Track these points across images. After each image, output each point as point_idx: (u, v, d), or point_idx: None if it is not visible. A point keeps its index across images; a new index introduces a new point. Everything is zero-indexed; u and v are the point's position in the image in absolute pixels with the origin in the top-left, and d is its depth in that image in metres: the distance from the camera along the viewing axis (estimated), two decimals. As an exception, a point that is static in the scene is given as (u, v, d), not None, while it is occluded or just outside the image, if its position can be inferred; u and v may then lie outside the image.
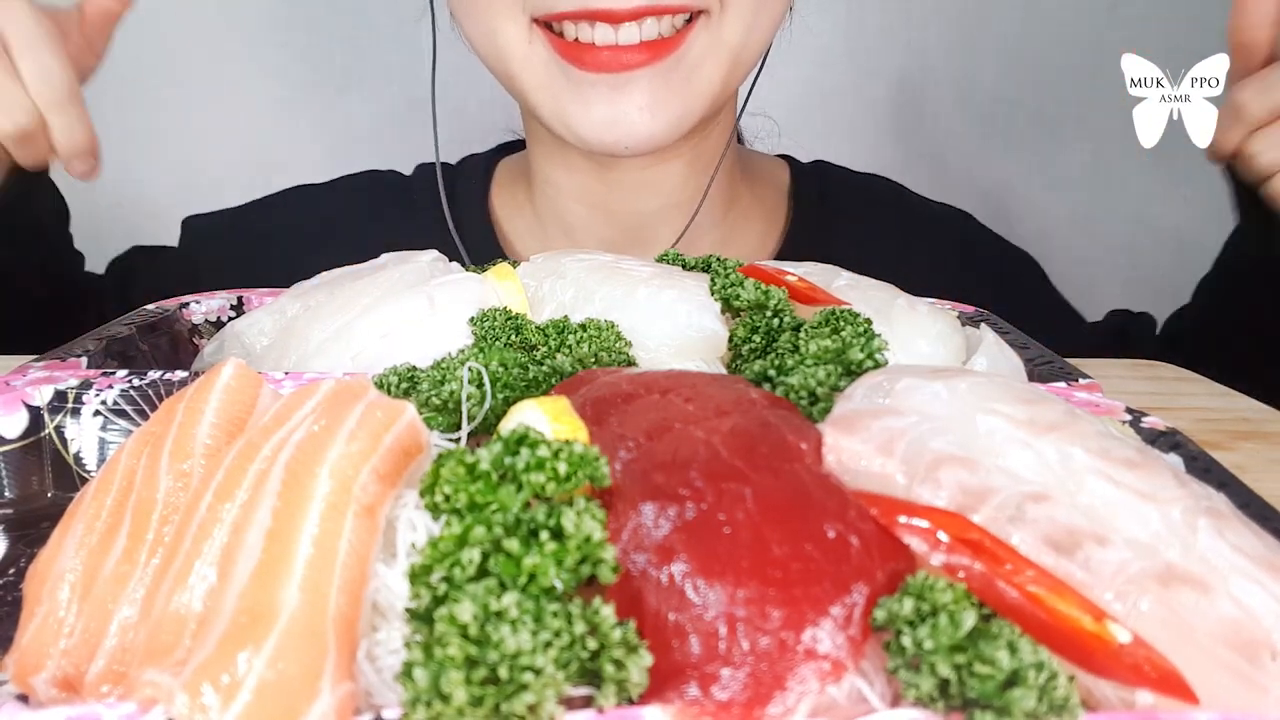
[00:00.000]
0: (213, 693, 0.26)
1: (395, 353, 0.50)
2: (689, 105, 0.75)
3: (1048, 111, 1.29)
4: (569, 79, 0.74)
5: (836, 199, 0.94)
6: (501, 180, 0.95)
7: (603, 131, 0.73)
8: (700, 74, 0.74)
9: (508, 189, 0.94)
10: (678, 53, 0.73)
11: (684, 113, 0.75)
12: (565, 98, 0.74)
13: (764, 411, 0.36)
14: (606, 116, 0.73)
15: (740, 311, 0.52)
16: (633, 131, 0.73)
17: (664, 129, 0.74)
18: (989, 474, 0.32)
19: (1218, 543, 0.30)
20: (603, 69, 0.72)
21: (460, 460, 0.30)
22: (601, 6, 0.69)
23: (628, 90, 0.72)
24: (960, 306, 0.66)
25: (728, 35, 0.73)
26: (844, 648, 0.28)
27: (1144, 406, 0.48)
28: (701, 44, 0.73)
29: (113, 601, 0.32)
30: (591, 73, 0.72)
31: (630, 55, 0.71)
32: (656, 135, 0.74)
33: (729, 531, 0.30)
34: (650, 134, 0.73)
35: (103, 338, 0.58)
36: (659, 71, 0.72)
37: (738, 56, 0.75)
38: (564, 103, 0.74)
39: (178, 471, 0.34)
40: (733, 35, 0.73)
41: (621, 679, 0.27)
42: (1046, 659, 0.26)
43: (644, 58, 0.71)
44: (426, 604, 0.28)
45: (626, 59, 0.71)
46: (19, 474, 0.48)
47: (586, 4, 0.70)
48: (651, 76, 0.72)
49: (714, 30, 0.73)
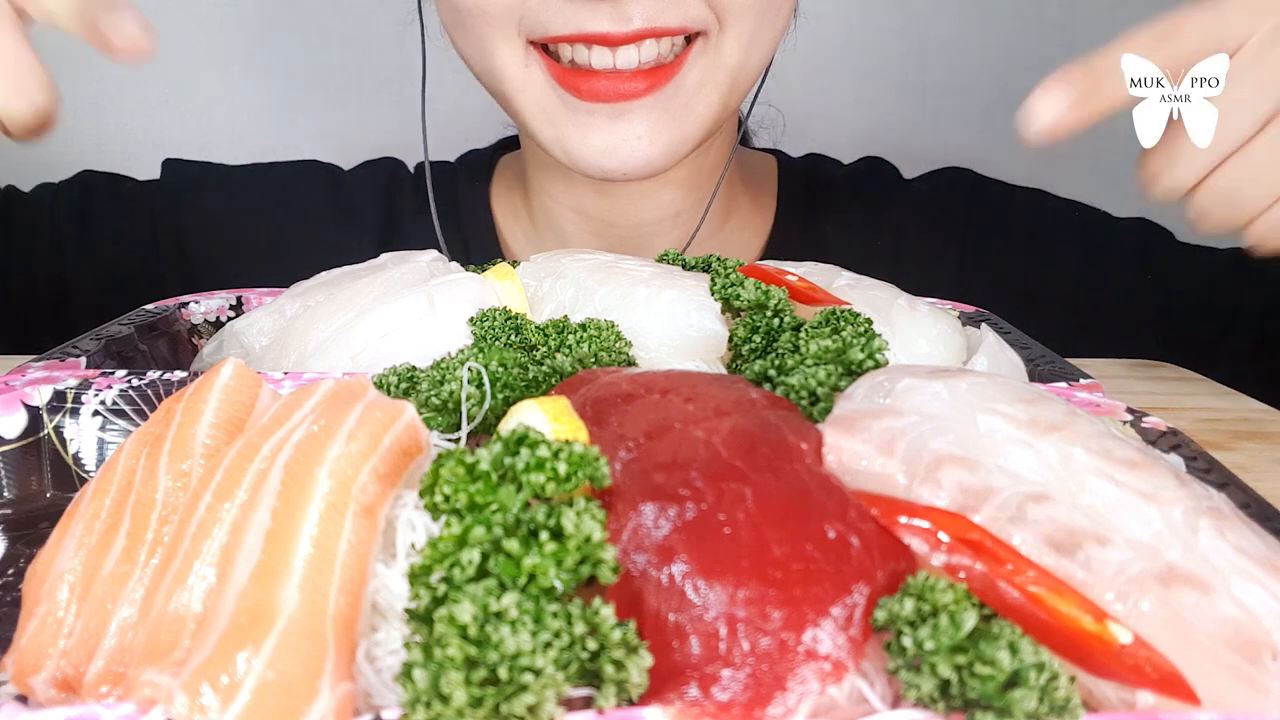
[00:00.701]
0: (212, 693, 0.25)
1: (395, 353, 0.50)
2: (687, 131, 0.74)
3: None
4: (566, 105, 0.72)
5: (824, 192, 0.92)
6: (501, 179, 0.94)
7: (601, 159, 0.72)
8: (700, 99, 0.73)
9: (506, 191, 0.93)
10: (676, 79, 0.72)
11: (682, 138, 0.74)
12: (563, 124, 0.73)
13: (764, 411, 0.36)
14: (604, 145, 0.72)
15: (740, 311, 0.52)
16: (630, 159, 0.72)
17: (662, 155, 0.73)
18: (990, 474, 0.32)
19: (1219, 543, 0.30)
20: (600, 99, 0.71)
21: (460, 460, 0.30)
22: (599, 30, 0.68)
23: (627, 119, 0.71)
24: (961, 306, 0.66)
25: (726, 56, 0.72)
26: (844, 648, 0.28)
27: (1145, 406, 0.48)
28: (700, 67, 0.72)
29: (112, 602, 0.31)
30: (589, 102, 0.71)
31: (628, 84, 0.70)
32: (654, 162, 0.73)
33: (729, 532, 0.30)
34: (648, 160, 0.72)
35: (102, 338, 0.58)
36: (658, 100, 0.71)
37: (736, 77, 0.74)
38: (561, 129, 0.73)
39: (177, 471, 0.34)
40: (731, 56, 0.72)
41: (621, 680, 0.27)
42: (1047, 659, 0.26)
43: (643, 86, 0.70)
44: (426, 604, 0.28)
45: (624, 88, 0.70)
46: (18, 474, 0.48)
47: (583, 27, 0.68)
48: (651, 106, 0.71)
49: (712, 52, 0.72)
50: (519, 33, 0.72)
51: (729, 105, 0.76)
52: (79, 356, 0.54)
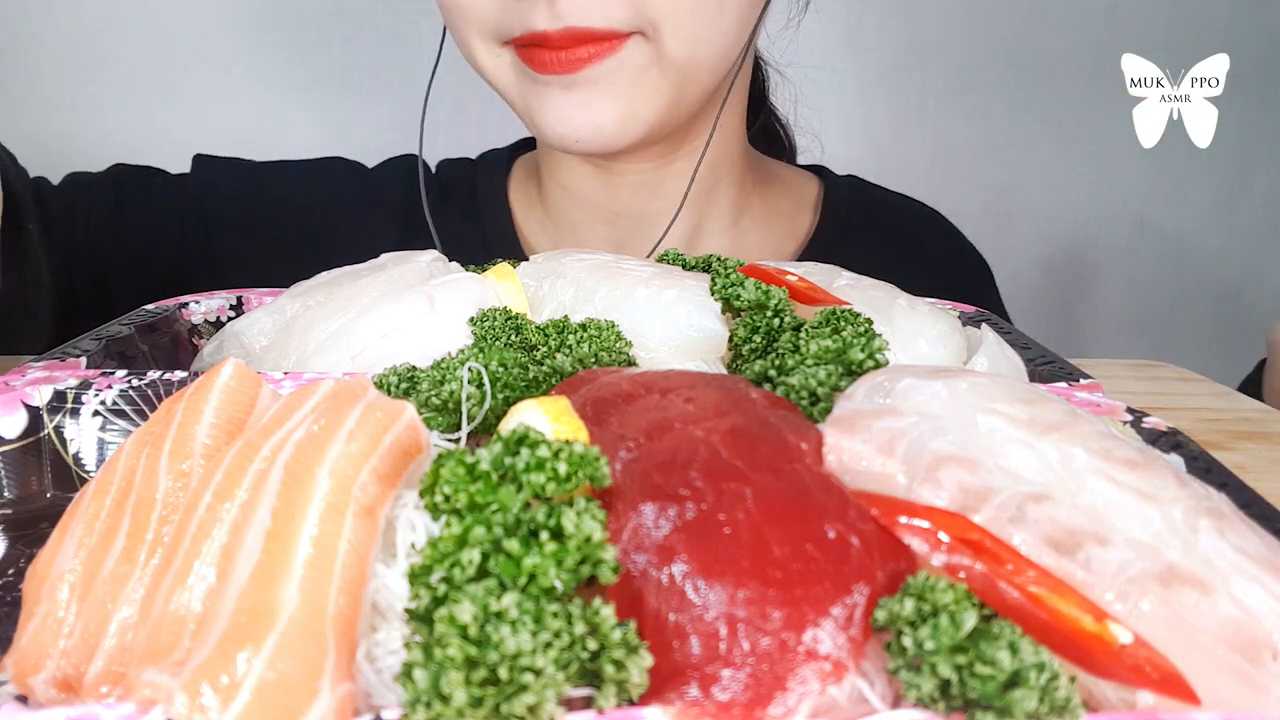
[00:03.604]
0: (212, 693, 0.25)
1: (395, 353, 0.50)
2: (636, 110, 0.77)
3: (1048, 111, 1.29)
4: (530, 79, 0.78)
5: (867, 217, 0.95)
6: (518, 176, 0.98)
7: (559, 127, 0.77)
8: (646, 81, 0.76)
9: (523, 185, 0.97)
10: (619, 55, 0.75)
11: (632, 115, 0.77)
12: (529, 96, 0.78)
13: (764, 411, 0.36)
14: (559, 114, 0.77)
15: (740, 311, 0.52)
16: (583, 128, 0.76)
17: (612, 126, 0.76)
18: (990, 474, 0.32)
19: (1219, 543, 0.30)
20: (550, 70, 0.75)
21: (460, 460, 0.30)
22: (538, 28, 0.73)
23: (577, 90, 0.76)
24: (961, 306, 0.66)
25: (670, 50, 0.75)
26: (845, 648, 0.28)
27: (1145, 406, 0.48)
28: (644, 54, 0.75)
29: (112, 602, 0.31)
30: (544, 73, 0.76)
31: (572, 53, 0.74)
32: (604, 130, 0.76)
33: (729, 532, 0.30)
34: (596, 128, 0.76)
35: (102, 338, 0.58)
36: (602, 73, 0.75)
37: (686, 71, 0.77)
38: (528, 100, 0.79)
39: (177, 471, 0.34)
40: (677, 51, 0.75)
41: (622, 680, 0.27)
42: (1048, 660, 0.26)
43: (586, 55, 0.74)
44: (426, 604, 0.28)
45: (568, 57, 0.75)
46: (18, 474, 0.48)
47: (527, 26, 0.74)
48: (596, 78, 0.75)
49: (654, 46, 0.75)
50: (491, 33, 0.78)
51: (685, 95, 0.79)
52: (79, 356, 0.54)
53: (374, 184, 0.97)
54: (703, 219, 0.90)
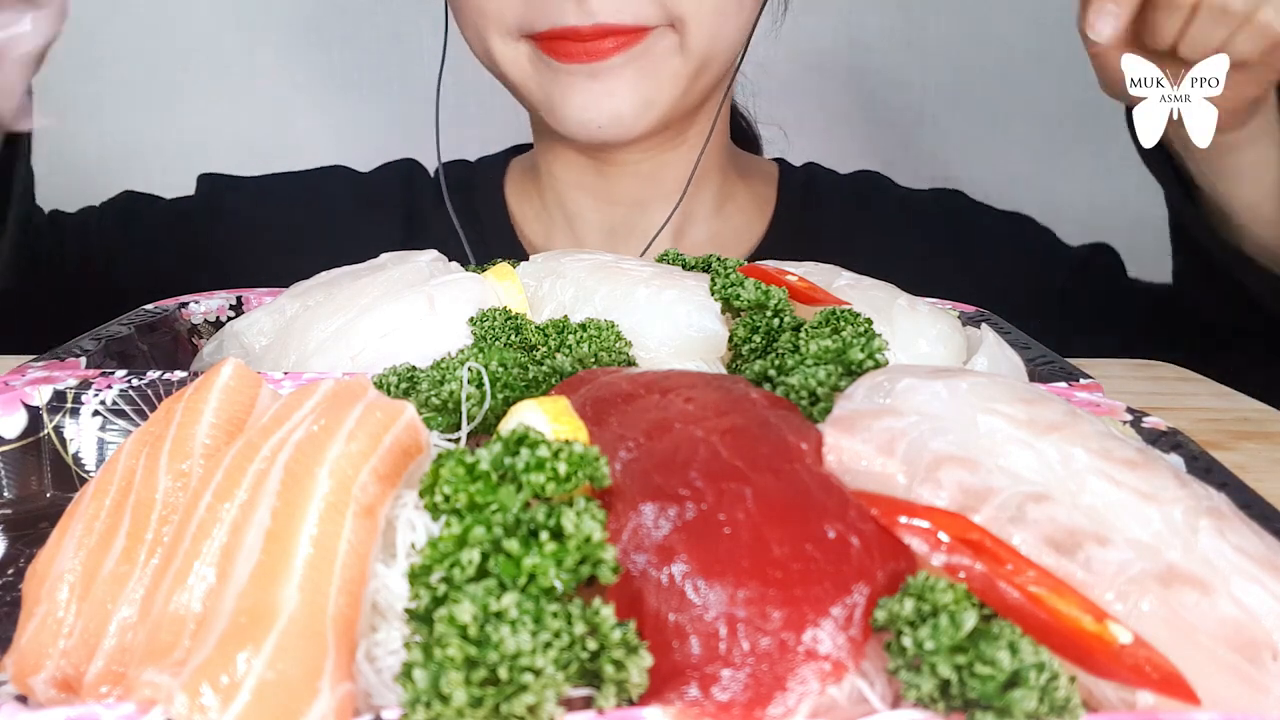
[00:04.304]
0: (212, 693, 0.25)
1: (395, 353, 0.50)
2: (654, 96, 0.80)
3: (1048, 111, 1.29)
4: (551, 69, 0.80)
5: (820, 193, 0.99)
6: (514, 175, 1.01)
7: (581, 114, 0.80)
8: (667, 66, 0.80)
9: (519, 183, 1.00)
10: (646, 42, 0.78)
11: (651, 100, 0.80)
12: (549, 86, 0.81)
13: (764, 411, 0.36)
14: (583, 102, 0.80)
15: (740, 311, 0.52)
16: (604, 115, 0.80)
17: (633, 111, 0.80)
18: (990, 474, 0.32)
19: (1219, 543, 0.30)
20: (574, 59, 0.78)
21: (460, 460, 0.30)
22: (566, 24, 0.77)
23: (602, 78, 0.79)
24: (961, 306, 0.66)
25: (693, 43, 0.79)
26: (845, 648, 0.28)
27: (1145, 406, 0.47)
28: (667, 44, 0.79)
29: (112, 602, 0.31)
30: (568, 63, 0.79)
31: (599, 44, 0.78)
32: (625, 118, 0.80)
33: (729, 532, 0.30)
34: (618, 115, 0.80)
35: (101, 337, 0.58)
36: (628, 59, 0.78)
37: (704, 61, 0.81)
38: (548, 91, 0.81)
39: (177, 471, 0.34)
40: (699, 43, 0.79)
41: (621, 680, 0.27)
42: (1047, 660, 0.26)
43: (612, 45, 0.78)
44: (426, 604, 0.28)
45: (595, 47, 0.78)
46: (18, 474, 0.48)
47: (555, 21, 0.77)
48: (623, 65, 0.78)
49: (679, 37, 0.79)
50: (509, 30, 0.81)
51: (696, 85, 0.83)
52: (79, 356, 0.54)
53: (372, 188, 1.00)
54: (693, 206, 0.93)
